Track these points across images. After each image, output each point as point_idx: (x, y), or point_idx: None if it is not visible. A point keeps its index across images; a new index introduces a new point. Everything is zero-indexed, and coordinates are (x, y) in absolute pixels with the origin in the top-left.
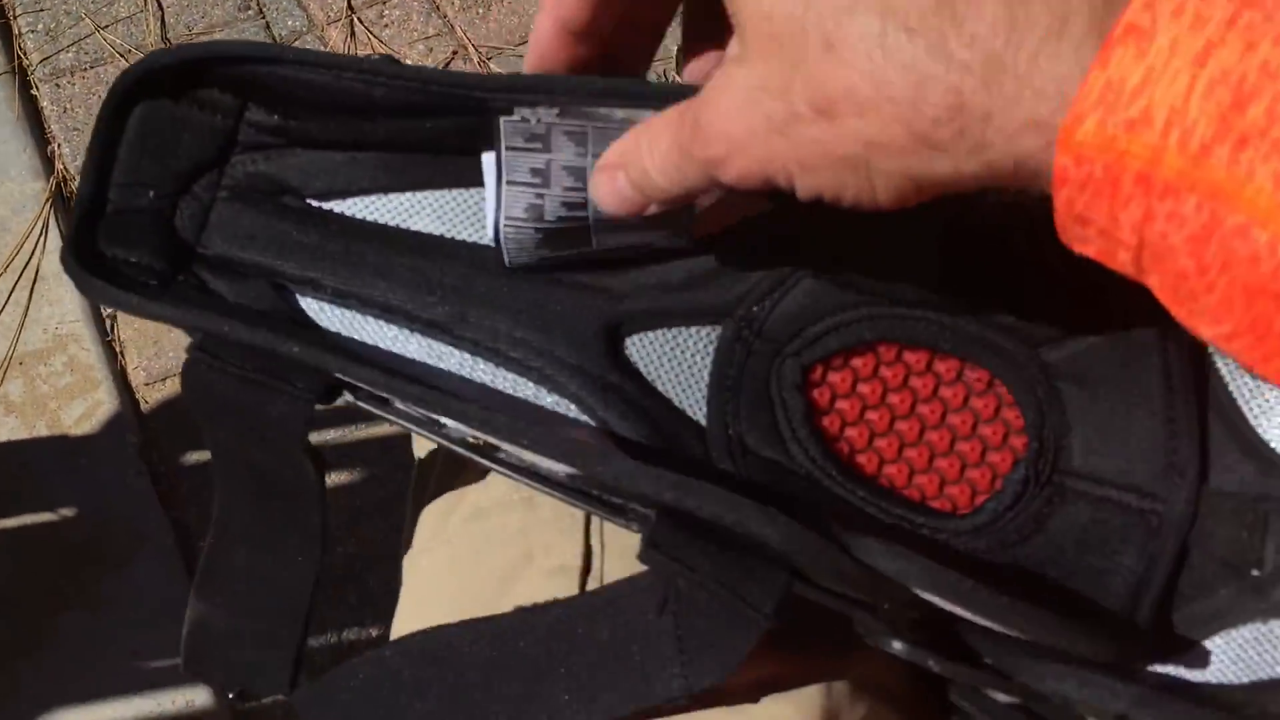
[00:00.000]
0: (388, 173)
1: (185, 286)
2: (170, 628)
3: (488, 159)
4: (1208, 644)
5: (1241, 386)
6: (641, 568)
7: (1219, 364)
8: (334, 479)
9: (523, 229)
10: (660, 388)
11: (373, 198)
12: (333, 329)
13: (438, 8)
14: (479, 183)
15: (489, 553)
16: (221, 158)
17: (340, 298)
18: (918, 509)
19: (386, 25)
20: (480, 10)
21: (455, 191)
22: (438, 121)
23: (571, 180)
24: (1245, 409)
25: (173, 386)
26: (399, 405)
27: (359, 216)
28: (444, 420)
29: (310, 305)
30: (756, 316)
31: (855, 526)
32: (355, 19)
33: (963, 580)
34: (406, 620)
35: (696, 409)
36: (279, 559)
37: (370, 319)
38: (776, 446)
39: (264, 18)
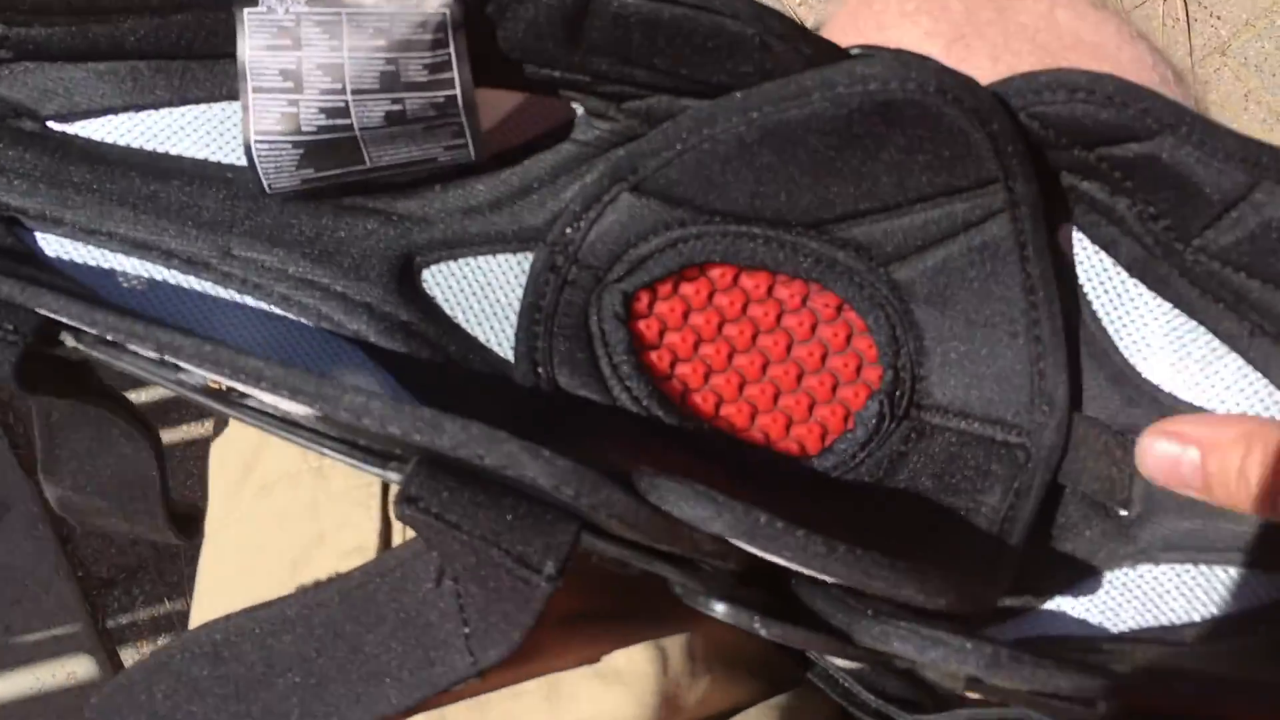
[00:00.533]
0: (136, 87)
1: None
2: (43, 598)
3: (240, 63)
4: (1072, 592)
5: (1108, 306)
6: None
7: (1084, 283)
8: None
9: (278, 144)
10: (464, 324)
11: (122, 118)
12: (80, 274)
13: None
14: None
15: (277, 534)
16: None
17: (86, 234)
18: (763, 451)
19: None
20: None
21: (217, 106)
22: (169, 18)
23: (328, 80)
24: (1112, 332)
25: None
26: (132, 347)
27: (106, 140)
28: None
29: (50, 244)
30: (571, 240)
31: (667, 464)
32: None
33: (772, 522)
34: (201, 614)
35: (505, 348)
36: (107, 451)
37: (121, 257)
38: (595, 387)
39: None
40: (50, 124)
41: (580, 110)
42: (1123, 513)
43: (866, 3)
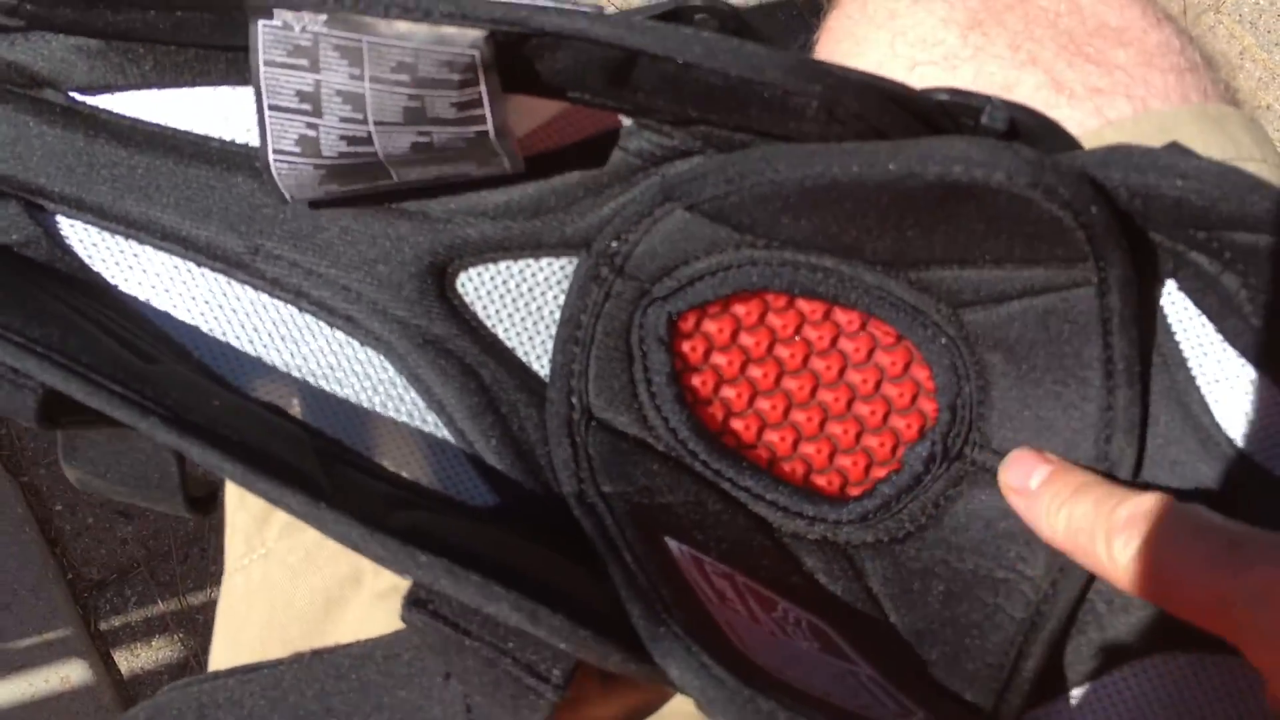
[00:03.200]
0: (157, 65)
1: None
2: (32, 602)
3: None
4: (1114, 678)
5: (1207, 373)
6: None
7: (1183, 345)
8: None
9: (298, 164)
10: (501, 334)
11: (149, 93)
12: (108, 265)
13: None
14: None
15: (309, 572)
16: None
17: (110, 219)
18: (797, 493)
19: None
20: None
21: (244, 89)
22: (175, 15)
23: (349, 109)
24: (1208, 398)
25: None
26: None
27: (133, 115)
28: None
29: (76, 232)
30: (617, 251)
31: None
32: None
33: (774, 713)
34: (219, 657)
35: (542, 362)
36: (127, 445)
37: (148, 249)
38: (631, 413)
39: None
40: (75, 96)
41: (629, 121)
42: None
43: None
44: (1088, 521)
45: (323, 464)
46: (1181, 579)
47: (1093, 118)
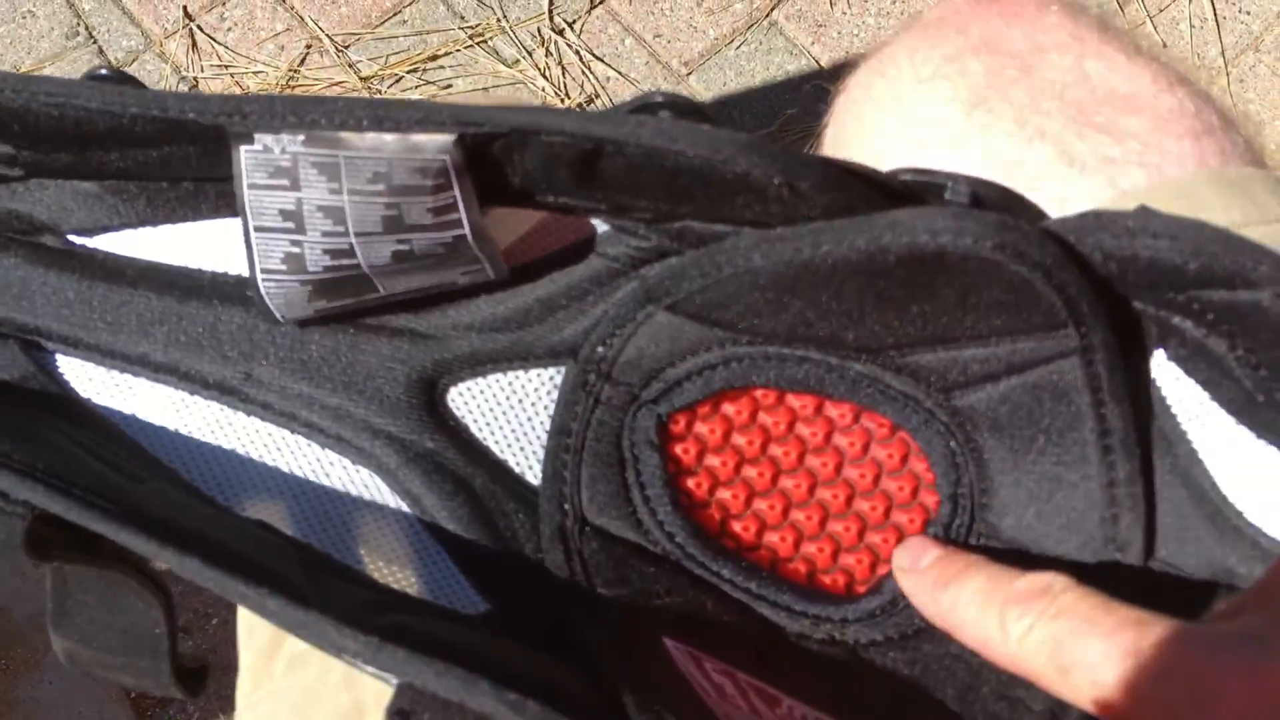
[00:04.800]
0: (149, 202)
1: None
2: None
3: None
4: None
5: (1207, 443)
6: None
7: (1180, 417)
8: None
9: (286, 283)
10: (493, 446)
11: (143, 231)
12: (103, 397)
13: (283, 0)
14: None
15: (312, 709)
16: None
17: (107, 356)
18: (802, 593)
19: (230, 29)
20: None
21: (233, 220)
22: (167, 150)
23: (330, 224)
24: (1211, 469)
25: None
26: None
27: (128, 254)
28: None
29: (73, 369)
30: (603, 357)
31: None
32: (194, 28)
33: None
34: None
35: (535, 471)
36: (116, 608)
37: (143, 380)
38: (625, 519)
39: (95, 42)
40: (72, 239)
41: (605, 227)
42: None
43: (880, 71)
44: (980, 595)
45: (307, 573)
46: (1082, 660)
47: (1106, 189)
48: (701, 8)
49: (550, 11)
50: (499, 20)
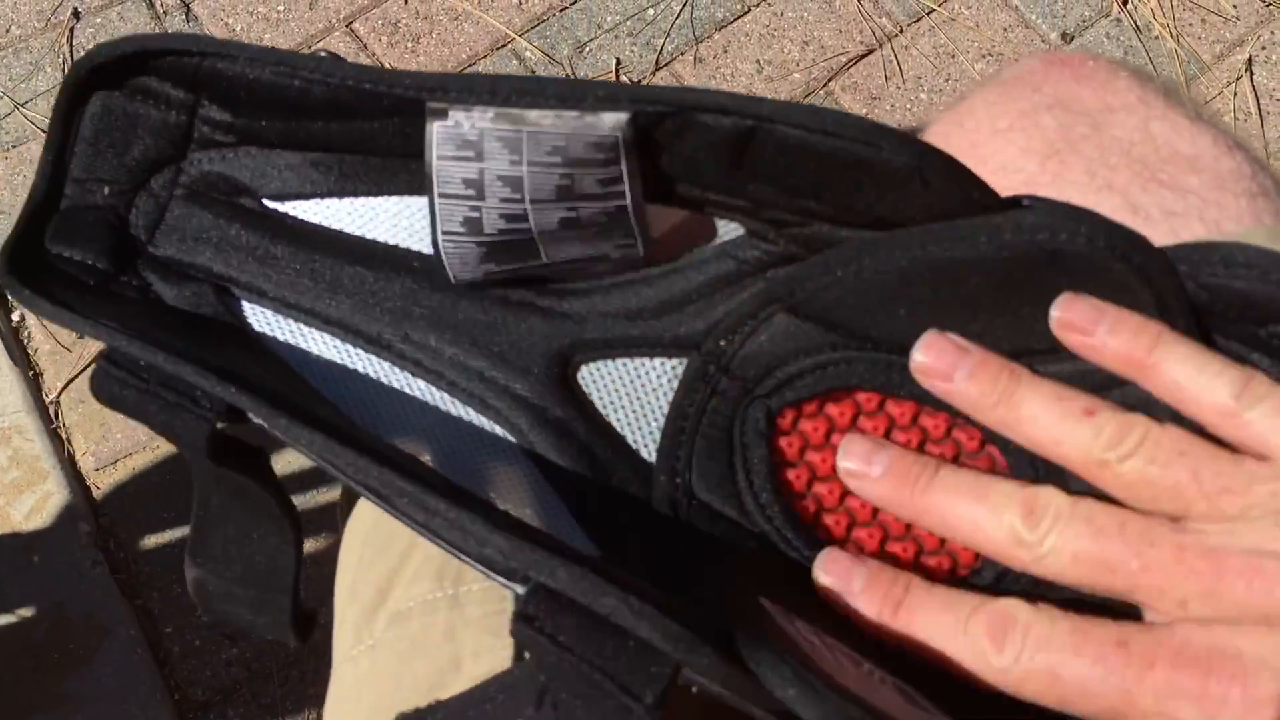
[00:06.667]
0: (341, 176)
1: (124, 288)
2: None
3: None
4: None
5: None
6: None
7: None
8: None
9: (463, 244)
10: (614, 422)
11: (330, 201)
12: (279, 338)
13: (365, 45)
14: None
15: (414, 660)
16: (178, 154)
17: (283, 306)
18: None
19: None
20: (409, 44)
21: (410, 199)
22: (370, 124)
23: (508, 191)
24: None
25: (124, 469)
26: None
27: (314, 221)
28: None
29: (255, 312)
30: (724, 351)
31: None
32: None
33: None
34: None
35: (650, 450)
36: (253, 540)
37: (314, 330)
38: (729, 500)
39: None
40: (266, 202)
41: (741, 230)
42: None
43: (958, 122)
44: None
45: (448, 498)
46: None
47: (1168, 238)
48: (761, 75)
49: (617, 71)
50: (567, 77)
